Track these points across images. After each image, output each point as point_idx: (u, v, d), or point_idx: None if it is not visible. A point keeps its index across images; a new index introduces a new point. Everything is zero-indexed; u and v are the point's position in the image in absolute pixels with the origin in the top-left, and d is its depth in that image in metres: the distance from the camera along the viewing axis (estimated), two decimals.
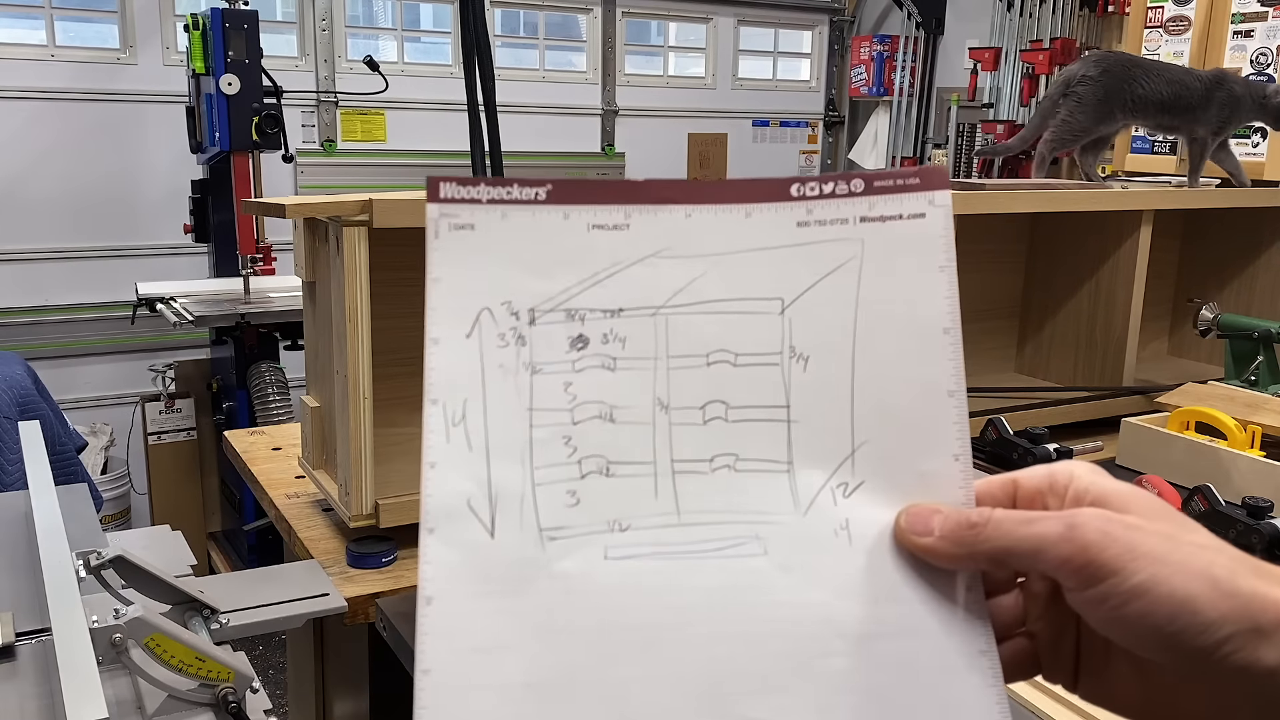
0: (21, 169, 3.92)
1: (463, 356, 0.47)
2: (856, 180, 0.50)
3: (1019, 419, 1.80)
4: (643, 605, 0.46)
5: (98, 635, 0.95)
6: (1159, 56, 3.68)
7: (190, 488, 3.73)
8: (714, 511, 0.48)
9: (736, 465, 0.48)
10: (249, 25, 3.21)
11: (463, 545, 0.46)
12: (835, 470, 0.48)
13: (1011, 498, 0.47)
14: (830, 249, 0.49)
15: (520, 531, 0.46)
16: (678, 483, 0.48)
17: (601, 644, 0.45)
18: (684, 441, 0.48)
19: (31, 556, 1.21)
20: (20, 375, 2.71)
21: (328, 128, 4.44)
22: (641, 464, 0.48)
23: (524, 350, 0.48)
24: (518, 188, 0.49)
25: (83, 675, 0.87)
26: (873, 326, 0.49)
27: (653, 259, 0.49)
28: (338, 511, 1.45)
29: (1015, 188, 1.98)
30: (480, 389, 0.47)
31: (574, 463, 0.47)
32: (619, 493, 0.47)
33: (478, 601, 0.45)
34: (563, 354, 0.48)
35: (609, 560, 0.46)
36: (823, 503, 0.48)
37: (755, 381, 0.49)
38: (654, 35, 5.42)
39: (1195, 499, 1.41)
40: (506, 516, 0.46)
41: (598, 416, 0.48)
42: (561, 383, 0.48)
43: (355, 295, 1.33)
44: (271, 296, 3.39)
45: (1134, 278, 2.00)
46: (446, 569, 0.45)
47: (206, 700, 0.99)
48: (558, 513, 0.47)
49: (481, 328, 0.48)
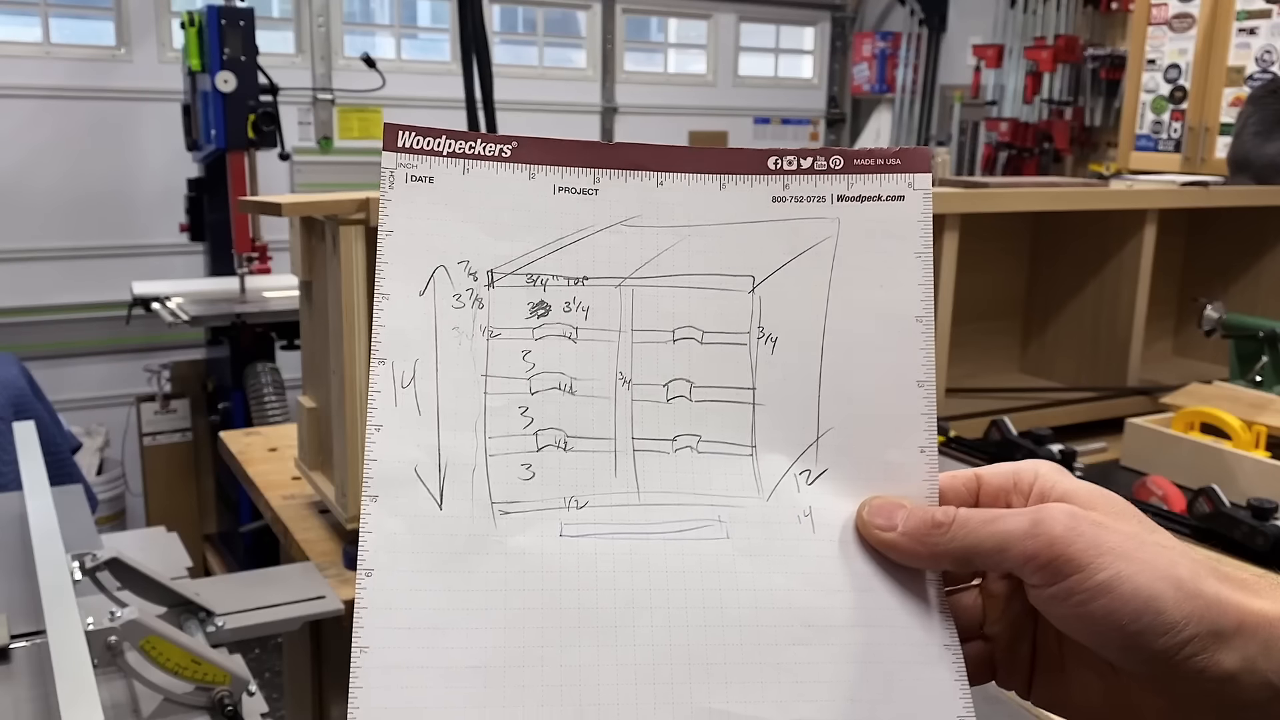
0: (15, 167, 3.90)
1: (415, 315, 0.45)
2: (836, 156, 0.48)
3: (1023, 419, 1.79)
4: (599, 586, 0.44)
5: (93, 638, 0.94)
6: (1162, 54, 3.67)
7: (186, 489, 3.72)
8: (675, 492, 0.46)
9: (699, 446, 0.47)
10: (245, 22, 3.20)
11: (408, 515, 0.43)
12: (799, 456, 0.47)
13: (974, 494, 0.47)
14: (805, 227, 0.48)
15: (470, 503, 0.44)
16: (638, 461, 0.46)
17: (554, 626, 0.43)
18: (645, 419, 0.47)
19: (26, 558, 1.20)
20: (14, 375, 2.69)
21: (324, 125, 4.43)
22: (601, 439, 0.46)
23: (481, 313, 0.46)
24: (481, 142, 0.47)
25: (78, 678, 0.86)
26: (844, 310, 0.48)
27: (621, 227, 0.48)
28: (334, 513, 1.44)
29: (1019, 186, 1.97)
30: (432, 351, 0.45)
31: (530, 434, 0.46)
32: (577, 468, 0.45)
33: (422, 576, 0.43)
34: (522, 320, 0.46)
35: (564, 538, 0.44)
36: (785, 489, 0.47)
37: (721, 361, 0.47)
38: (654, 32, 5.41)
39: (1200, 500, 1.40)
40: (456, 487, 0.44)
41: (556, 388, 0.46)
42: (519, 350, 0.46)
43: (352, 295, 1.32)
44: (267, 296, 3.38)
45: (1138, 277, 1.99)
46: (389, 540, 0.43)
47: (203, 703, 0.98)
48: (511, 486, 0.45)
49: (436, 286, 0.46)
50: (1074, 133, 4.49)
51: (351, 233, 1.30)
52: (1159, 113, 3.72)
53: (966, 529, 0.43)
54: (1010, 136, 4.62)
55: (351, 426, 1.35)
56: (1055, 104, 4.50)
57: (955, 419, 1.83)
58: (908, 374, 0.47)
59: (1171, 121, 3.67)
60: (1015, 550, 0.41)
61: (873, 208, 0.48)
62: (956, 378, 2.02)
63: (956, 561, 0.44)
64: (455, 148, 0.47)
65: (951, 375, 1.91)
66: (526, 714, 0.41)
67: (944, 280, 1.79)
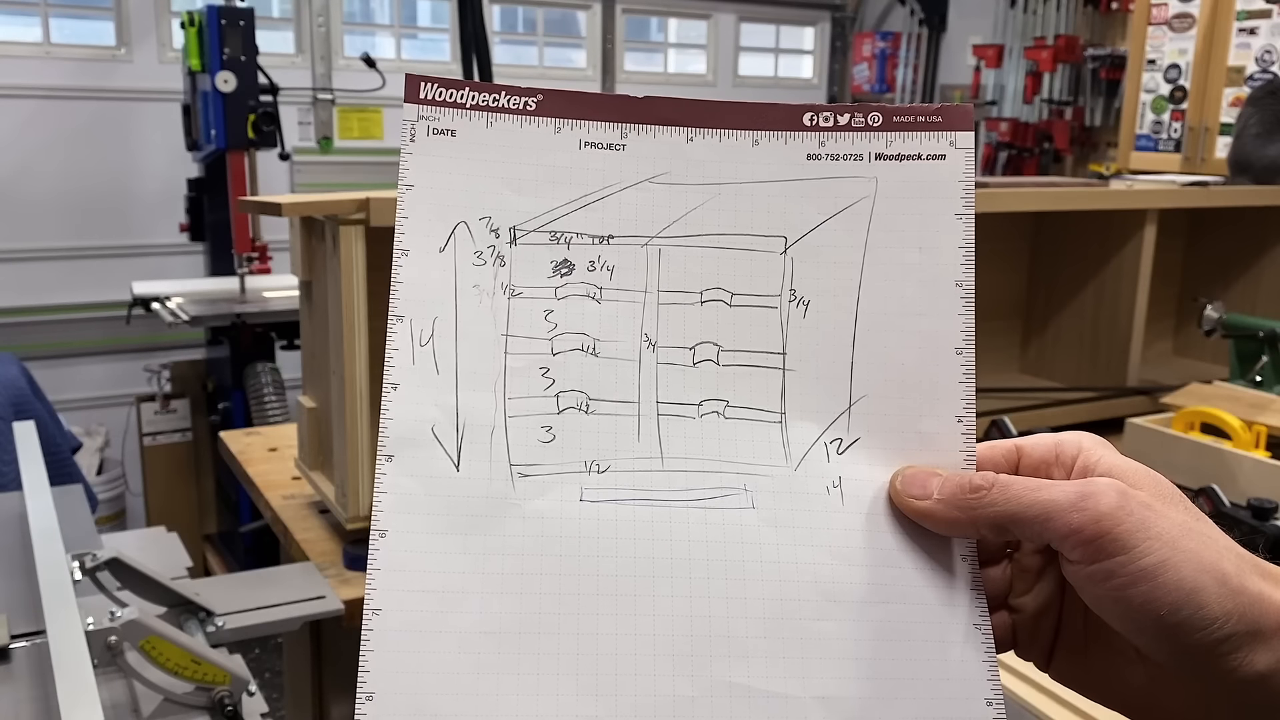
0: (16, 167, 3.90)
1: (434, 271, 0.44)
2: (875, 114, 0.47)
3: (1023, 419, 1.79)
4: (620, 553, 0.42)
5: (93, 638, 0.94)
6: (1163, 54, 3.67)
7: (186, 489, 3.72)
8: (700, 459, 0.44)
9: (726, 412, 0.45)
10: (245, 22, 3.20)
11: (424, 476, 0.42)
12: (830, 424, 0.45)
13: (1014, 466, 0.45)
14: (841, 186, 0.46)
15: (489, 465, 0.43)
16: (662, 425, 0.45)
17: (571, 593, 0.42)
18: (671, 383, 0.45)
19: (26, 558, 1.20)
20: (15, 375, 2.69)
21: (324, 125, 4.42)
22: (624, 403, 0.45)
23: (502, 271, 0.45)
24: (505, 95, 0.46)
25: (78, 678, 0.86)
26: (880, 273, 0.46)
27: (648, 184, 0.46)
28: (334, 513, 1.44)
29: (1019, 186, 1.97)
30: (452, 308, 0.44)
31: (551, 396, 0.44)
32: (598, 431, 0.44)
33: (438, 538, 0.41)
34: (545, 278, 0.45)
35: (584, 503, 0.43)
36: (815, 458, 0.45)
37: (751, 324, 0.46)
38: (654, 32, 5.40)
39: (1200, 500, 1.40)
40: (474, 448, 0.43)
41: (579, 349, 0.45)
42: (541, 309, 0.45)
43: (352, 295, 1.32)
44: (267, 296, 3.38)
45: (1138, 277, 2.00)
46: (405, 500, 0.42)
47: (203, 703, 0.98)
48: (531, 448, 0.43)
49: (457, 242, 0.45)
50: (1074, 133, 4.49)
51: (351, 233, 1.30)
52: (1159, 113, 3.72)
53: (1009, 494, 0.41)
54: (1010, 136, 4.62)
55: (351, 426, 1.35)
56: (1055, 104, 4.50)
57: None
58: (946, 340, 0.46)
59: (1171, 121, 3.67)
60: (1059, 522, 0.39)
61: (912, 167, 0.46)
62: None
63: (995, 528, 0.42)
64: (479, 99, 0.45)
65: None
66: (541, 682, 0.41)
67: None
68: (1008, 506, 0.41)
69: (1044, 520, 0.40)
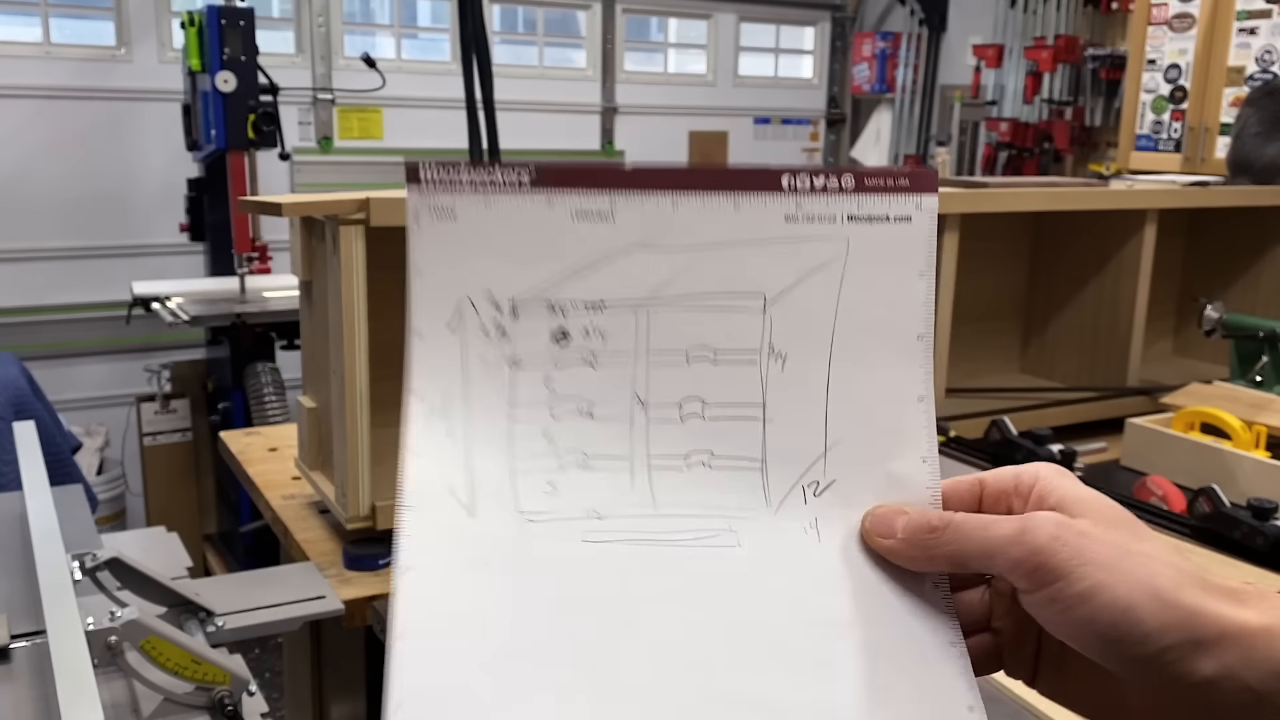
0: (16, 167, 3.90)
1: (445, 349, 0.48)
2: (848, 176, 0.50)
3: (1023, 419, 1.79)
4: (625, 583, 0.47)
5: (93, 638, 0.94)
6: (1163, 54, 3.67)
7: (186, 489, 3.72)
8: (689, 505, 0.49)
9: (711, 462, 0.49)
10: (245, 22, 3.20)
11: (442, 522, 0.46)
12: (807, 469, 0.49)
13: (978, 499, 0.49)
14: (816, 247, 0.49)
15: (500, 512, 0.47)
16: (653, 477, 0.49)
17: (583, 617, 0.45)
18: (661, 438, 0.49)
19: (26, 558, 1.20)
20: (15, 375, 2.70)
21: (324, 125, 4.43)
22: (618, 458, 0.49)
23: (505, 344, 0.48)
24: (500, 171, 0.48)
25: (78, 678, 0.86)
26: (851, 329, 0.50)
27: (637, 249, 0.49)
28: (334, 513, 1.44)
29: (1019, 186, 1.97)
30: (462, 382, 0.48)
31: (552, 455, 0.48)
32: (596, 484, 0.48)
33: (457, 571, 0.45)
34: (544, 347, 0.49)
35: (587, 543, 0.47)
36: (793, 501, 0.49)
37: (733, 379, 0.49)
38: (654, 32, 5.41)
39: (1200, 500, 1.40)
40: (486, 499, 0.47)
41: (577, 411, 0.49)
42: (542, 377, 0.49)
43: (352, 295, 1.32)
44: (267, 296, 3.38)
45: (1138, 277, 2.00)
46: (426, 539, 0.45)
47: (203, 703, 0.98)
48: (536, 499, 0.48)
49: (464, 319, 0.48)
50: (1074, 133, 4.49)
51: (351, 233, 1.30)
52: (1159, 113, 3.72)
53: (960, 534, 0.45)
54: (1010, 136, 4.62)
55: (352, 426, 1.35)
56: (1055, 104, 4.50)
57: (955, 419, 1.83)
58: (910, 389, 0.49)
59: (1172, 121, 3.67)
60: (1002, 557, 0.44)
61: (881, 228, 0.49)
62: (956, 377, 2.02)
63: (951, 564, 0.46)
64: (475, 178, 0.48)
65: (951, 375, 1.91)
66: (557, 698, 0.44)
67: (944, 280, 1.79)
68: (960, 545, 0.45)
69: (990, 556, 0.44)
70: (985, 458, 1.67)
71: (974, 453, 1.69)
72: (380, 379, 1.34)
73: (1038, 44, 4.53)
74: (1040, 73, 4.50)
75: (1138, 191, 2.05)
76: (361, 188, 1.39)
